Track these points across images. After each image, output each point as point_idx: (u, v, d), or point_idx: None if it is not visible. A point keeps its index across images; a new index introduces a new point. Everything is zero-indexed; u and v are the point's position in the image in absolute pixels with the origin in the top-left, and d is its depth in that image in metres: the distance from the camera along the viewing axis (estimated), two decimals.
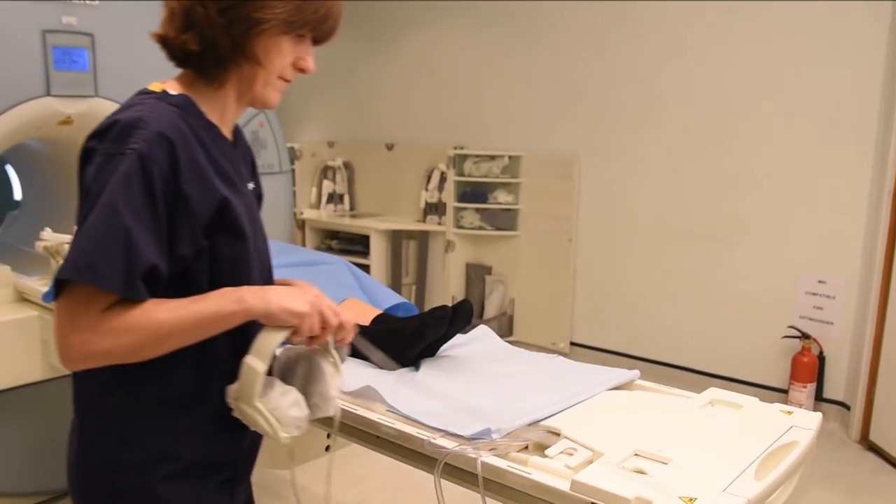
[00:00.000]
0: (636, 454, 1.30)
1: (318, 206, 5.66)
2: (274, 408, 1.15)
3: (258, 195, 1.39)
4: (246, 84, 1.23)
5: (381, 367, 1.72)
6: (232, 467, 1.27)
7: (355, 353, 1.58)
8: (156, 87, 1.22)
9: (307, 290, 1.24)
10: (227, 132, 1.26)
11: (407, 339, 1.77)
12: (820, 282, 3.64)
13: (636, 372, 1.75)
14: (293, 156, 5.39)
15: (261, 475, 3.36)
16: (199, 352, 1.15)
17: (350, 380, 1.71)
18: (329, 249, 5.26)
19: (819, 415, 1.50)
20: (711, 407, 1.56)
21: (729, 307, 3.92)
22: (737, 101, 3.79)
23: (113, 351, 1.07)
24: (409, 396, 1.59)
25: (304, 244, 5.38)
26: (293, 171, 4.51)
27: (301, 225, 5.47)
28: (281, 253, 2.31)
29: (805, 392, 3.60)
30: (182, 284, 1.13)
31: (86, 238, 1.05)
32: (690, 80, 3.91)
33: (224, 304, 1.10)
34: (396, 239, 5.01)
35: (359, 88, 5.63)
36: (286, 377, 1.24)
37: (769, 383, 3.80)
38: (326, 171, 5.65)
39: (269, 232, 4.00)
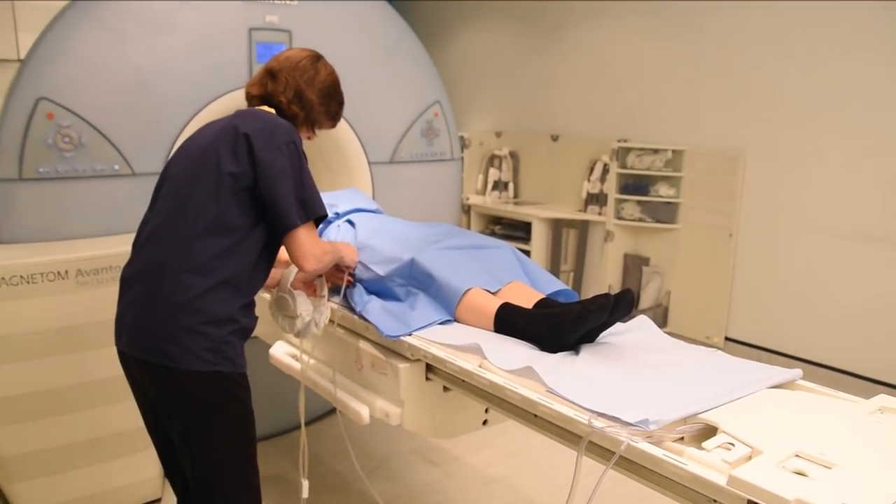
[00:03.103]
0: (797, 455, 1.22)
1: (483, 192, 5.71)
2: (299, 298, 2.02)
3: None
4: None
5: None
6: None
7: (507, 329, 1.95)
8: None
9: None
10: None
11: (569, 323, 1.75)
12: None
13: (798, 371, 1.64)
14: (462, 144, 5.46)
15: (418, 443, 3.48)
16: (267, 265, 1.86)
17: (511, 360, 1.72)
18: (492, 234, 5.30)
19: None
20: (881, 414, 1.43)
21: None
22: None
23: (325, 261, 1.90)
24: (569, 379, 1.57)
25: (469, 228, 5.45)
26: (462, 158, 4.56)
27: (467, 210, 5.54)
28: (452, 235, 2.35)
29: None
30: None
31: (312, 191, 1.81)
32: (867, 75, 3.62)
33: (341, 247, 2.16)
34: (557, 227, 4.97)
35: (526, 81, 5.61)
36: None
37: None
38: (493, 160, 5.68)
39: (438, 215, 4.11)
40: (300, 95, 1.95)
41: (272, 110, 1.93)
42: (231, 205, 1.73)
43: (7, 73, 2.62)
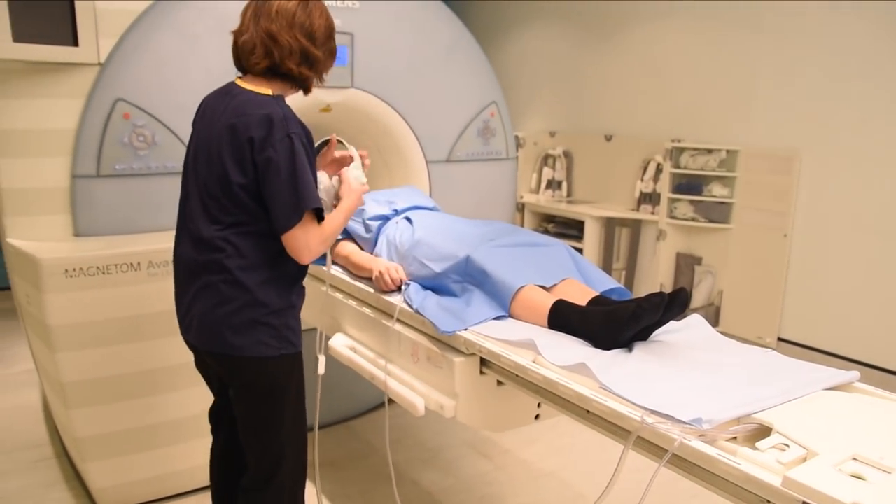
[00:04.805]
0: (854, 458, 1.19)
1: (537, 191, 5.68)
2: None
3: None
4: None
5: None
6: None
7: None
8: (248, 86, 1.82)
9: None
10: None
11: (623, 321, 1.73)
12: None
13: (855, 373, 1.59)
14: (517, 144, 5.44)
15: (470, 435, 3.47)
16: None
17: (564, 356, 1.71)
18: (546, 232, 5.26)
19: None
20: None
21: None
22: None
23: (322, 250, 1.80)
24: (622, 376, 1.56)
25: (522, 226, 5.42)
26: (517, 158, 4.54)
27: (521, 208, 5.52)
28: (507, 233, 2.34)
29: None
30: None
31: (305, 183, 1.71)
32: None
33: (349, 202, 1.98)
34: (610, 225, 4.92)
35: (581, 82, 5.56)
36: None
37: None
38: (547, 159, 5.65)
39: (493, 213, 4.09)
40: (307, 55, 1.82)
41: (268, 90, 1.81)
42: (257, 210, 1.76)
43: (88, 77, 2.70)
